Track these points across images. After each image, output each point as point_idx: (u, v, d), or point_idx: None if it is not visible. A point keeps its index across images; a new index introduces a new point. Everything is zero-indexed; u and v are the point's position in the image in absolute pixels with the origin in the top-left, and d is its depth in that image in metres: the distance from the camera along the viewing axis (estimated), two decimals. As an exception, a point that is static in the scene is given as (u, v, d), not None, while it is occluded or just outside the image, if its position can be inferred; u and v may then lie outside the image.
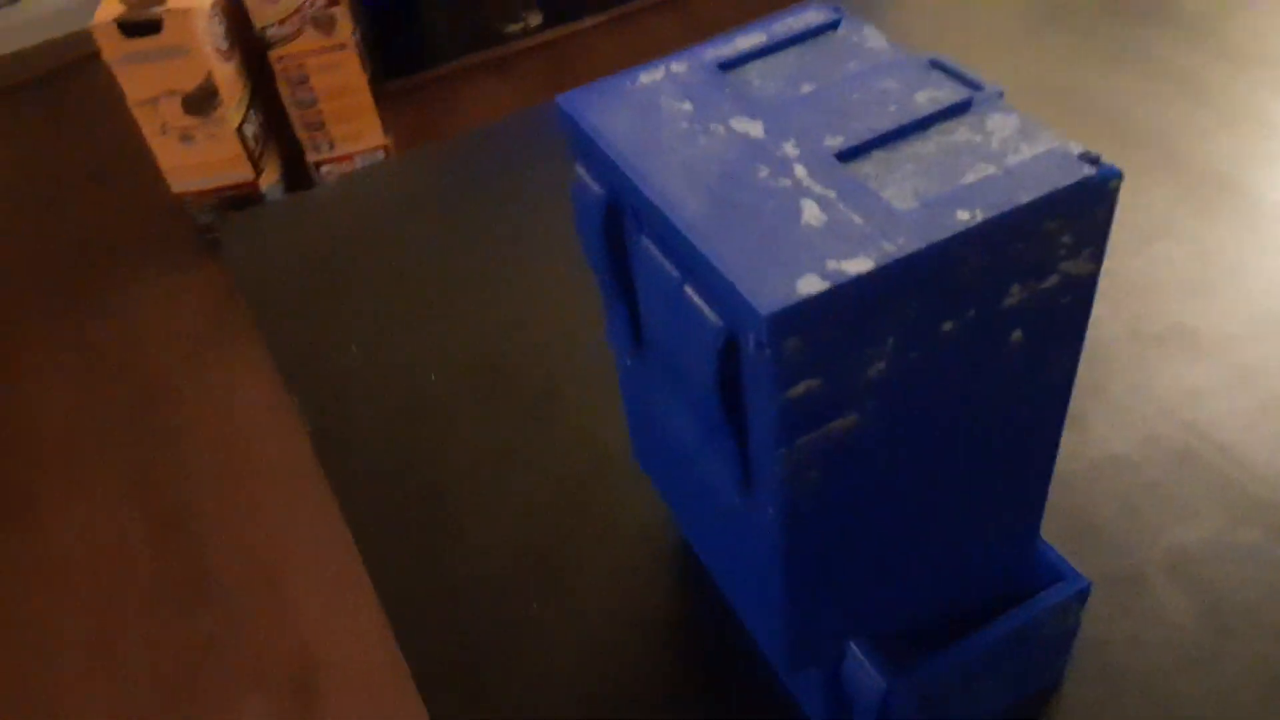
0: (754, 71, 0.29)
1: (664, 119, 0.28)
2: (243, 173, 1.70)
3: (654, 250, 0.26)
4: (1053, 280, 0.26)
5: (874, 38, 0.30)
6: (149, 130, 1.63)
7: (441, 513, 0.44)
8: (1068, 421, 0.44)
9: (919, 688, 0.31)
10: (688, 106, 0.28)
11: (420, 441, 0.47)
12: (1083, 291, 0.27)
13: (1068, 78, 0.61)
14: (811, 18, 0.31)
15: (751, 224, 0.24)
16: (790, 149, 0.26)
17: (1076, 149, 0.25)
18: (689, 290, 0.25)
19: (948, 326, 0.25)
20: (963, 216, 0.24)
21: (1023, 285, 0.25)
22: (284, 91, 1.71)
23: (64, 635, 1.29)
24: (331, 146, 1.79)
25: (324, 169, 1.80)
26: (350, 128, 1.77)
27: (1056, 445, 0.30)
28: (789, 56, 0.30)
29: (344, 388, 0.51)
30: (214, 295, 1.72)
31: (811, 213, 0.24)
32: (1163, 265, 0.49)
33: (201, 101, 1.61)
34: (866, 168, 0.26)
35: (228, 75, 1.63)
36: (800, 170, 0.25)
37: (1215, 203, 0.52)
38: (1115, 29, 0.65)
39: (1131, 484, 0.41)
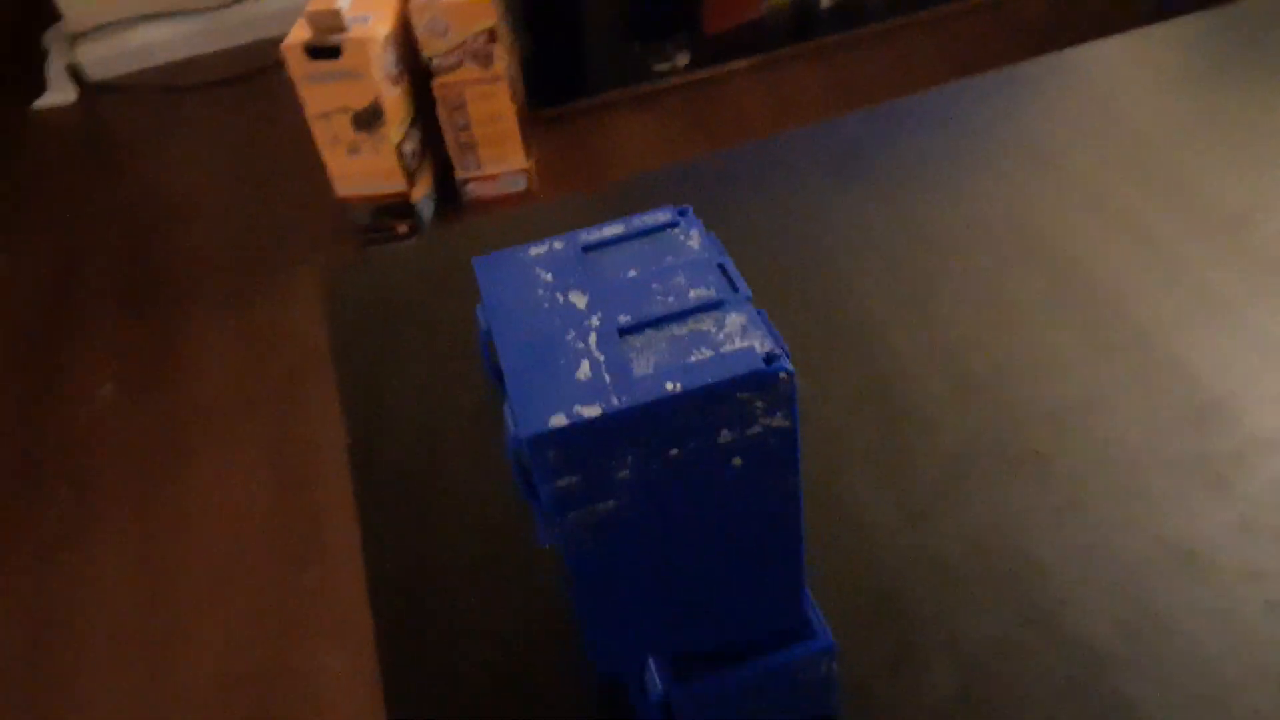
0: (606, 255, 0.42)
1: (528, 285, 0.41)
2: (398, 184, 1.90)
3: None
4: (756, 429, 0.37)
5: (695, 238, 0.42)
6: (321, 140, 1.85)
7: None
8: (907, 516, 0.54)
9: (692, 700, 0.43)
10: (549, 277, 0.41)
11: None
12: (786, 437, 0.38)
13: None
14: (661, 217, 0.43)
15: (546, 373, 0.37)
16: (595, 320, 0.39)
17: (764, 349, 0.37)
18: (506, 407, 0.38)
19: (674, 452, 0.37)
20: (669, 386, 0.36)
21: (731, 430, 0.37)
22: (442, 115, 1.90)
23: (190, 571, 1.51)
24: (479, 166, 1.97)
25: (470, 185, 1.99)
26: (497, 151, 1.96)
27: (799, 538, 0.42)
28: (633, 245, 0.42)
29: (390, 413, 0.65)
30: (361, 290, 1.92)
31: (583, 370, 0.37)
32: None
33: (369, 119, 1.82)
34: (635, 341, 0.38)
35: (394, 98, 1.84)
36: (593, 338, 0.38)
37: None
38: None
39: (943, 578, 0.52)
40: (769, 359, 0.36)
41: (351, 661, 1.34)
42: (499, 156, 1.96)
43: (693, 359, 0.37)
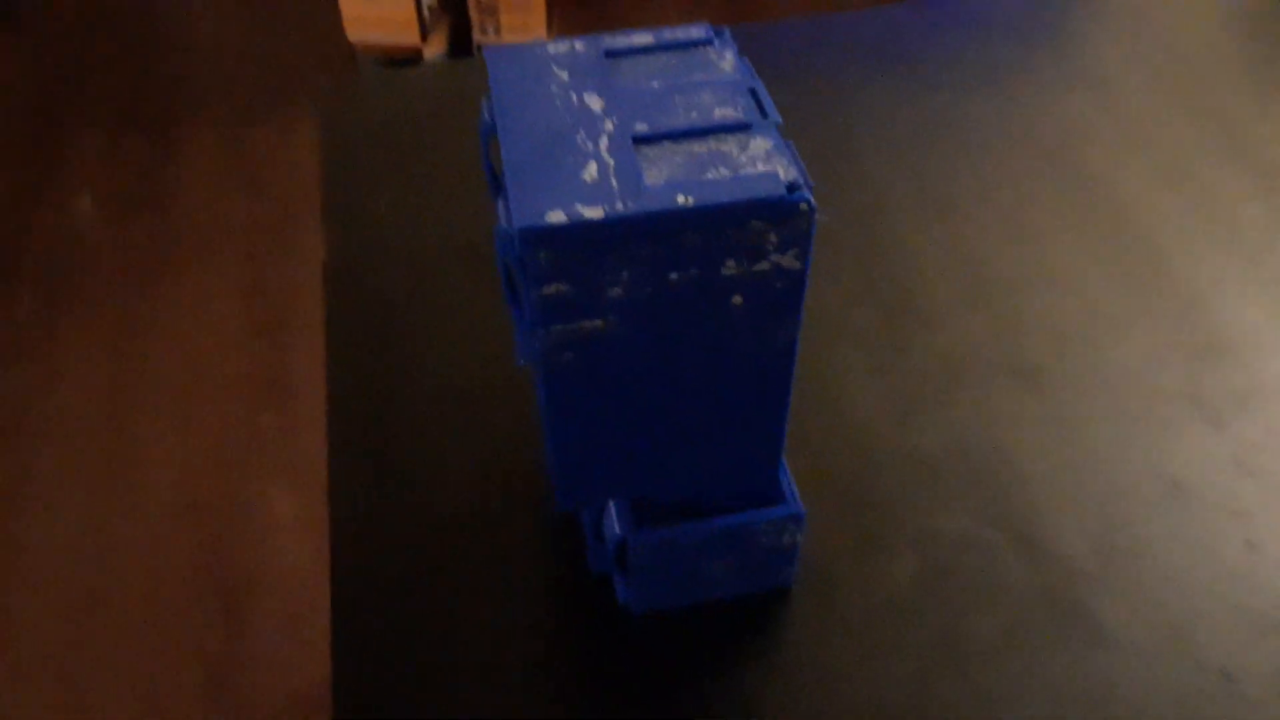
0: (627, 63, 0.39)
1: (542, 81, 0.38)
2: (411, 36, 1.84)
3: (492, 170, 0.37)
4: (764, 265, 0.35)
5: (729, 59, 0.39)
6: (340, -22, 1.78)
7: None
8: (893, 409, 0.52)
9: (649, 548, 0.42)
10: (565, 76, 0.38)
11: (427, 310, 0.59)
12: (795, 280, 0.35)
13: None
14: (694, 32, 0.40)
15: (549, 169, 0.34)
16: (609, 125, 0.36)
17: (789, 176, 0.34)
18: (500, 202, 0.35)
19: (674, 276, 0.34)
20: (680, 199, 0.33)
21: (737, 262, 0.34)
22: (467, -29, 1.83)
23: (153, 394, 1.48)
24: (498, 31, 1.91)
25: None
26: (519, 19, 1.89)
27: (786, 397, 0.39)
28: (660, 58, 0.39)
29: (374, 240, 0.62)
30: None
31: (590, 172, 0.34)
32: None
33: (391, -37, 1.75)
34: (649, 152, 0.35)
35: (420, -56, 1.76)
36: (604, 142, 0.35)
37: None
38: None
39: (920, 473, 0.50)
40: (791, 187, 0.33)
41: (303, 504, 1.33)
42: (520, 25, 1.90)
43: (709, 176, 0.34)
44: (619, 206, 0.33)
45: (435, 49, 1.90)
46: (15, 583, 1.31)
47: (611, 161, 0.34)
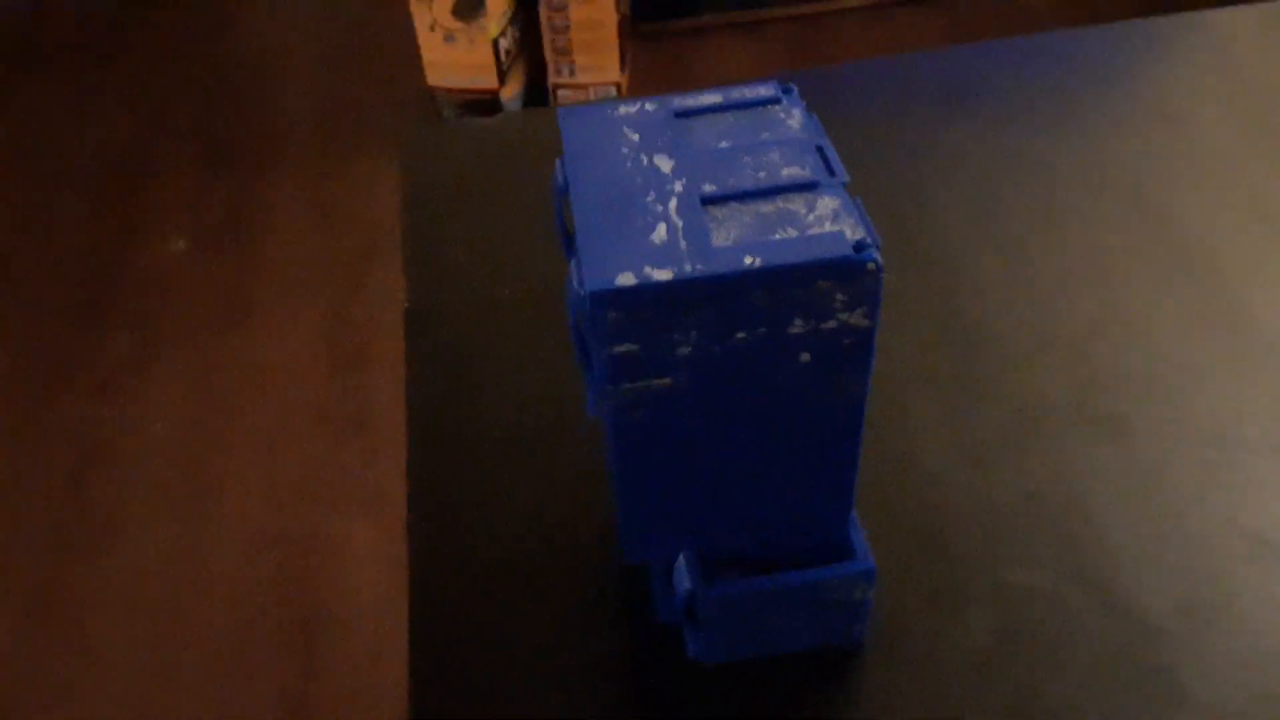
0: (698, 123, 0.39)
1: (613, 143, 0.39)
2: (489, 80, 1.88)
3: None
4: (832, 323, 0.35)
5: (796, 117, 0.39)
6: (420, 24, 1.83)
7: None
8: (967, 457, 0.52)
9: (719, 602, 0.42)
10: (636, 137, 0.39)
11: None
12: (863, 338, 0.36)
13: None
14: (763, 91, 0.40)
15: (619, 230, 0.35)
16: (678, 186, 0.36)
17: (855, 235, 0.34)
18: (572, 263, 0.36)
19: (741, 335, 0.35)
20: (748, 260, 0.33)
21: (805, 320, 0.35)
22: (543, 15, 1.87)
23: (236, 428, 1.53)
24: (573, 73, 1.94)
25: (561, 93, 1.96)
26: (593, 59, 1.92)
27: (856, 451, 0.39)
28: (729, 117, 0.40)
29: (453, 283, 0.64)
30: (438, 180, 1.92)
31: (659, 234, 0.35)
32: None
33: (469, 8, 1.79)
34: (718, 212, 0.35)
35: (497, -10, 1.81)
36: (673, 204, 0.36)
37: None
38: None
39: (995, 525, 0.49)
40: (858, 247, 0.34)
41: (381, 539, 1.35)
42: (594, 65, 1.93)
43: (776, 237, 0.34)
44: (687, 268, 0.33)
45: (512, 91, 1.94)
46: (102, 609, 1.36)
47: (680, 223, 0.35)
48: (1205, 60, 0.76)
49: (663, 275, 0.33)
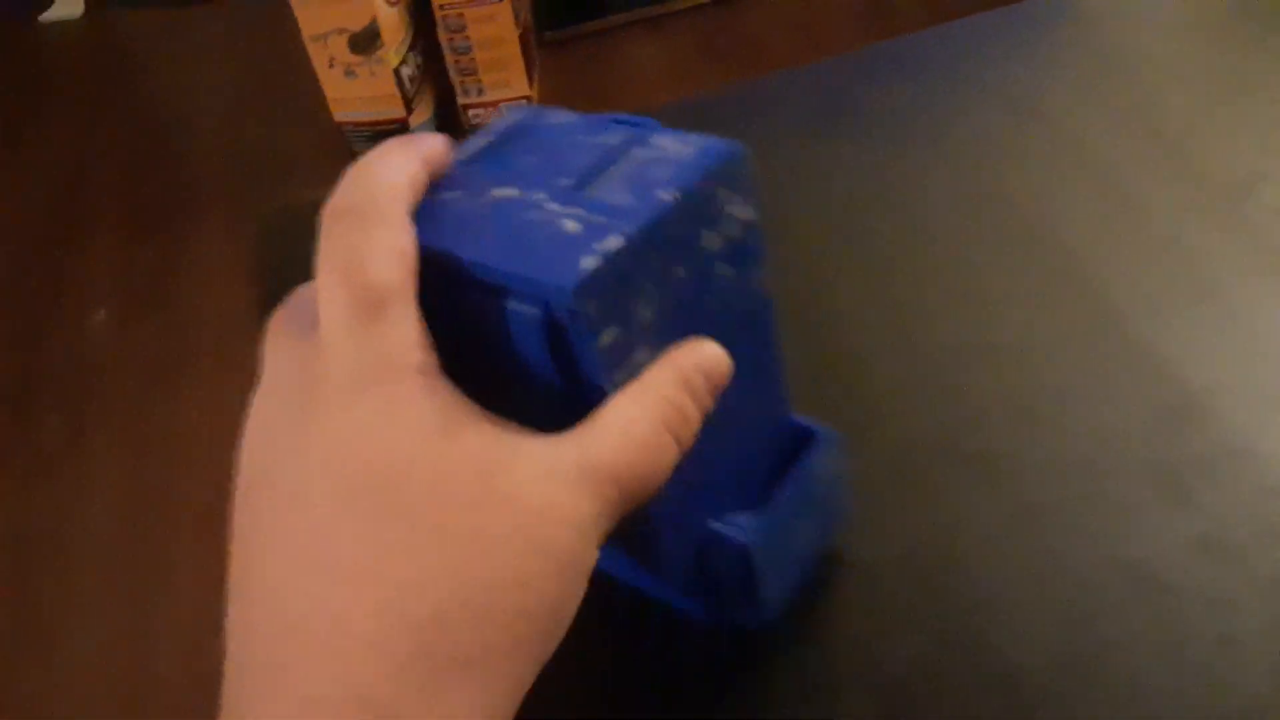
0: (487, 159, 0.39)
1: (445, 206, 0.37)
2: (396, 110, 1.84)
3: (464, 294, 0.35)
4: (729, 227, 0.37)
5: (561, 113, 0.40)
6: (318, 62, 1.79)
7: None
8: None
9: (767, 534, 0.41)
10: (459, 194, 0.37)
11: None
12: (753, 228, 0.38)
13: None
14: (513, 115, 0.41)
15: (532, 244, 0.33)
16: (539, 195, 0.36)
17: (714, 143, 0.36)
18: (509, 307, 0.34)
19: (680, 272, 0.35)
20: (663, 196, 0.34)
21: (710, 230, 0.36)
22: (443, 38, 1.83)
23: (178, 502, 1.49)
24: (481, 92, 1.91)
25: (471, 113, 1.93)
26: (499, 76, 1.89)
27: (778, 345, 0.41)
28: (510, 144, 0.39)
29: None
30: (358, 218, 1.88)
31: (569, 225, 0.34)
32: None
33: (365, 41, 1.76)
34: (592, 190, 0.35)
35: (391, 20, 1.77)
36: (552, 205, 0.35)
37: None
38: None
39: (871, 593, 0.48)
40: (729, 146, 0.36)
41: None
42: (501, 82, 1.89)
43: (659, 173, 0.35)
44: (626, 229, 0.33)
45: (422, 117, 1.90)
46: (54, 695, 1.33)
47: (577, 210, 0.35)
48: (1071, 45, 0.74)
49: (614, 244, 0.33)
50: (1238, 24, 0.74)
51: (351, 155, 1.86)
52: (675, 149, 0.37)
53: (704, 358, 0.36)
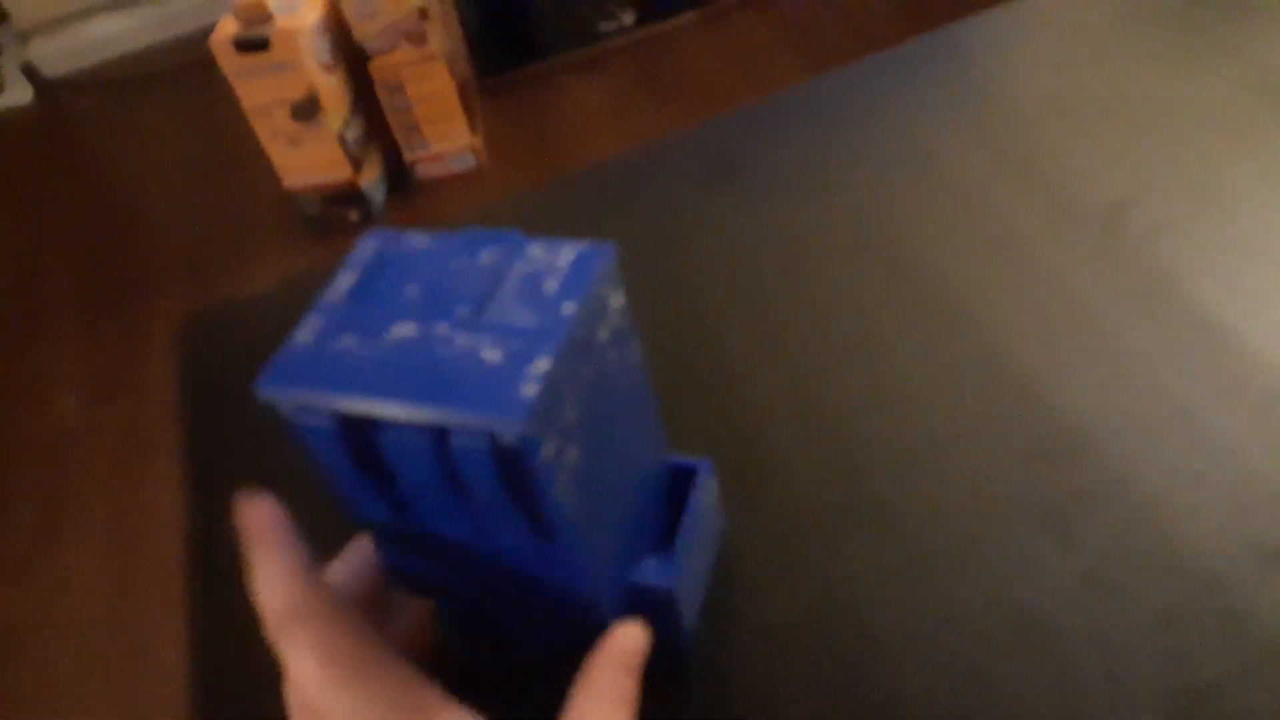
0: (364, 298, 0.38)
1: (348, 355, 0.36)
2: (344, 173, 1.86)
3: (392, 437, 0.36)
4: (611, 317, 0.39)
5: (417, 236, 0.40)
6: (262, 133, 1.81)
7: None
8: (742, 589, 0.51)
9: (679, 578, 0.45)
10: (353, 339, 0.37)
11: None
12: (625, 311, 0.41)
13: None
14: (367, 245, 0.40)
15: (459, 379, 0.34)
16: (441, 328, 0.36)
17: (586, 247, 0.38)
18: (454, 440, 0.35)
19: (586, 370, 0.37)
20: (566, 308, 0.36)
21: (600, 325, 0.39)
22: (382, 98, 1.86)
23: (156, 584, 1.50)
24: (425, 146, 1.93)
25: (419, 167, 1.95)
26: (441, 129, 1.91)
27: (650, 395, 0.44)
28: (380, 278, 0.39)
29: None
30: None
31: (490, 354, 0.35)
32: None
33: (306, 110, 1.78)
34: (492, 314, 0.36)
35: (330, 86, 1.79)
36: (462, 336, 0.36)
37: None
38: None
39: (770, 655, 0.49)
40: (599, 246, 0.38)
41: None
42: (444, 135, 1.91)
43: (550, 287, 0.37)
44: (546, 350, 0.35)
45: (371, 176, 1.92)
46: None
47: (487, 338, 0.36)
48: (948, 80, 0.76)
49: (544, 365, 0.34)
50: (1111, 53, 0.76)
51: (304, 221, 1.87)
52: (551, 260, 0.38)
53: (629, 638, 0.39)
